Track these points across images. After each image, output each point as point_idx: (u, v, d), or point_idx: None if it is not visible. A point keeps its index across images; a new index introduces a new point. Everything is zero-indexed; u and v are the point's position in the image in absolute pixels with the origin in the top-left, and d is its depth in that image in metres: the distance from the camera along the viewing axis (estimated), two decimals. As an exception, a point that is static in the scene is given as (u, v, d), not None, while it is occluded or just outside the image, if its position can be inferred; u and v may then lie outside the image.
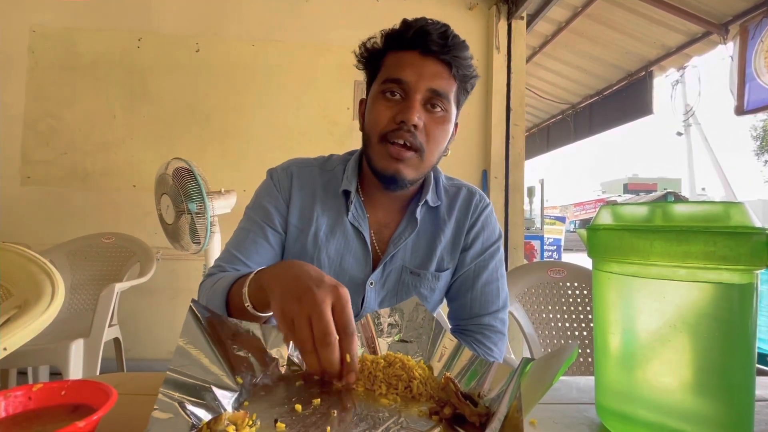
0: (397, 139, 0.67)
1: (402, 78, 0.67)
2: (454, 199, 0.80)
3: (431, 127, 0.68)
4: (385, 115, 0.68)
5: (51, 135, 2.32)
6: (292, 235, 0.76)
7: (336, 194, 0.77)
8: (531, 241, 5.63)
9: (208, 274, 0.72)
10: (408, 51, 0.68)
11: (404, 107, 0.67)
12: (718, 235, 0.34)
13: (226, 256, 0.74)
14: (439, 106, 0.68)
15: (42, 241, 2.06)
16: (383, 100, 0.68)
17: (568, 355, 0.36)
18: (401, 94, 0.68)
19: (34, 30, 2.31)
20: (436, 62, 0.67)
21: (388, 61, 0.70)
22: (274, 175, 0.79)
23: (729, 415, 0.35)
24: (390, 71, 0.68)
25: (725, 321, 0.35)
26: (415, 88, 0.66)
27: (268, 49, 2.43)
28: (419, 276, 0.76)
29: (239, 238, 0.75)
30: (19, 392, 0.35)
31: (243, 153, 2.40)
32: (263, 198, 0.78)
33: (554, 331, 1.16)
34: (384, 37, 0.72)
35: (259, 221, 0.76)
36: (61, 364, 1.40)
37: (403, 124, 0.66)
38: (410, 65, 0.67)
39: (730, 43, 2.86)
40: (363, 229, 0.75)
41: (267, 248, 0.74)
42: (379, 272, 0.75)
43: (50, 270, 0.68)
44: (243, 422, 0.37)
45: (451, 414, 0.39)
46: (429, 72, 0.67)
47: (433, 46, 0.66)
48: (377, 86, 0.70)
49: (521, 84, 2.57)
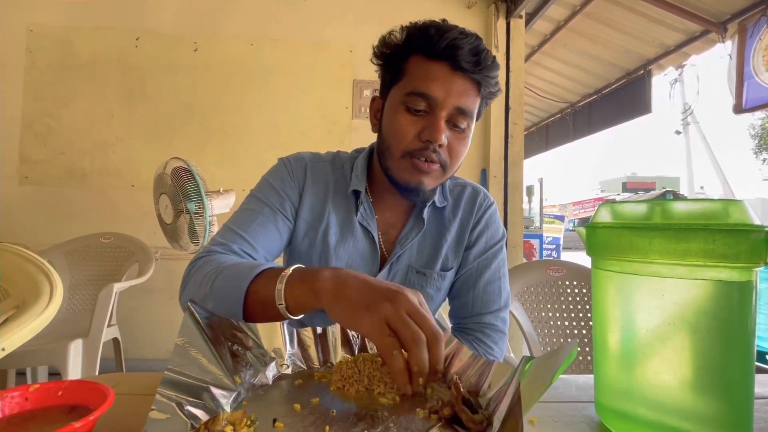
0: (422, 157, 0.66)
1: (430, 94, 0.64)
2: (459, 198, 0.80)
3: (454, 145, 0.67)
4: (410, 132, 0.65)
5: (49, 135, 2.31)
6: (301, 229, 0.74)
7: (345, 193, 0.76)
8: (530, 240, 5.64)
9: (209, 251, 0.65)
10: (436, 61, 0.64)
11: (430, 126, 0.64)
12: (718, 233, 0.34)
13: (230, 234, 0.67)
14: (463, 124, 0.67)
15: (40, 241, 2.06)
16: (407, 113, 0.66)
17: (568, 354, 0.36)
18: (426, 109, 0.65)
19: (32, 29, 2.30)
20: (465, 80, 0.65)
21: (414, 68, 0.66)
22: (287, 164, 0.76)
23: (728, 413, 0.35)
24: (416, 83, 0.65)
25: (724, 319, 0.35)
26: (441, 106, 0.64)
27: (266, 48, 2.43)
28: (425, 276, 0.76)
29: (246, 218, 0.70)
30: (15, 393, 0.34)
31: (242, 152, 2.40)
32: (276, 182, 0.74)
33: (553, 330, 1.16)
34: (408, 37, 0.67)
35: (270, 205, 0.71)
36: (59, 364, 1.40)
37: (429, 143, 0.65)
38: (439, 80, 0.64)
39: (729, 41, 2.86)
40: (372, 230, 0.74)
41: (276, 235, 0.71)
42: (386, 272, 0.75)
43: (48, 270, 0.68)
44: (241, 422, 0.36)
45: (450, 414, 0.39)
46: (457, 89, 0.64)
47: (465, 64, 0.63)
48: (400, 95, 0.66)
49: (520, 83, 2.57)
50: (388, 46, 0.69)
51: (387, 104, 0.70)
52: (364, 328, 0.44)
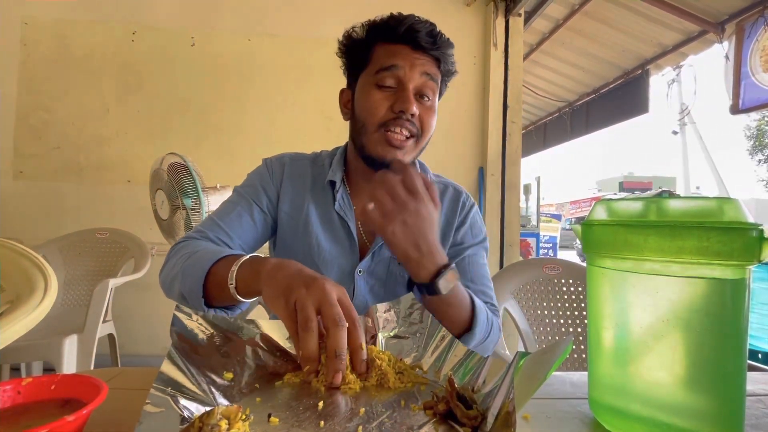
0: (397, 127, 0.70)
1: (397, 64, 0.69)
2: (442, 195, 0.82)
3: (424, 116, 0.72)
4: (383, 105, 0.70)
5: (44, 129, 2.29)
6: (284, 221, 0.78)
7: (324, 186, 0.79)
8: (527, 238, 5.64)
9: (188, 237, 0.72)
10: (398, 45, 0.71)
11: (401, 97, 0.69)
12: (712, 231, 0.34)
13: (208, 223, 0.74)
14: (428, 96, 0.72)
15: (35, 236, 2.04)
16: (378, 90, 0.71)
17: (562, 351, 0.36)
18: (394, 85, 0.70)
19: (27, 22, 2.28)
20: (426, 56, 0.71)
21: (379, 53, 0.72)
22: (267, 163, 0.82)
23: (720, 410, 0.35)
24: (383, 60, 0.71)
25: (717, 316, 0.35)
26: (409, 78, 0.70)
27: (264, 44, 2.41)
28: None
29: (225, 210, 0.76)
30: (8, 386, 0.34)
31: (238, 148, 2.39)
32: (255, 179, 0.80)
33: (549, 328, 1.16)
34: (370, 29, 0.74)
35: (247, 197, 0.77)
36: (54, 359, 1.40)
37: (402, 113, 0.69)
38: (402, 56, 0.70)
39: (726, 41, 2.87)
40: (348, 219, 0.77)
41: (250, 225, 0.76)
42: (368, 261, 0.76)
43: (43, 265, 0.67)
44: (236, 416, 0.36)
45: (445, 410, 0.39)
46: (420, 63, 0.71)
47: (424, 43, 0.70)
48: (370, 77, 0.72)
49: (518, 81, 2.57)
50: (354, 39, 0.75)
51: (357, 90, 0.75)
52: (279, 310, 0.47)
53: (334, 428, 0.37)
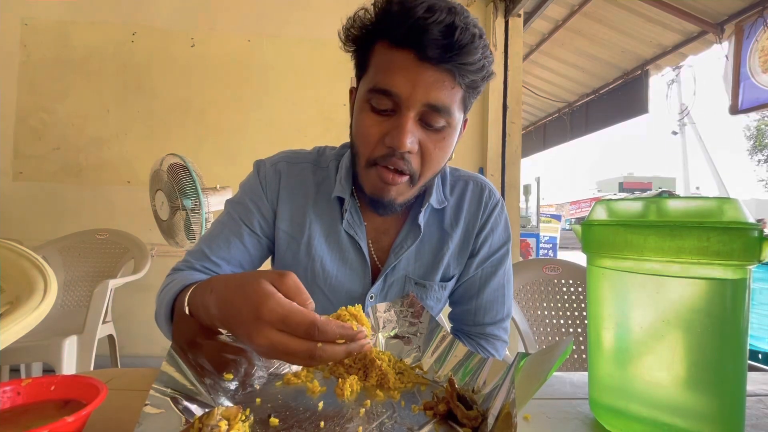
0: (387, 164, 0.57)
1: (393, 90, 0.53)
2: (462, 197, 0.72)
3: (428, 148, 0.57)
4: (374, 135, 0.57)
5: (43, 130, 2.29)
6: (283, 241, 0.69)
7: (329, 197, 0.68)
8: (527, 238, 5.64)
9: (175, 269, 0.67)
10: (400, 49, 0.53)
11: (395, 128, 0.55)
12: (712, 230, 0.34)
13: (196, 251, 0.67)
14: (439, 122, 0.56)
15: (35, 237, 2.04)
16: (371, 113, 0.57)
17: (562, 351, 0.36)
18: (392, 108, 0.55)
19: (26, 23, 2.28)
20: (436, 70, 0.53)
21: (377, 59, 0.56)
22: (261, 171, 0.70)
23: (720, 410, 0.35)
24: (378, 77, 0.55)
25: (718, 316, 0.35)
26: (408, 104, 0.54)
27: (264, 45, 2.41)
28: (424, 287, 0.69)
29: (213, 232, 0.68)
30: (7, 387, 0.34)
31: (238, 149, 2.39)
32: (246, 194, 0.70)
33: (549, 328, 1.16)
34: (375, 17, 0.57)
35: (236, 218, 0.68)
36: (54, 361, 1.39)
37: (393, 149, 0.56)
38: (402, 71, 0.53)
39: (726, 42, 2.88)
40: (360, 239, 0.67)
41: (240, 249, 0.67)
42: (380, 285, 0.68)
43: (42, 266, 0.67)
44: (236, 417, 0.36)
45: (445, 411, 0.39)
46: (425, 82, 0.53)
47: (431, 52, 0.51)
48: (364, 91, 0.57)
49: (518, 82, 2.58)
50: (355, 27, 0.59)
51: (356, 100, 0.61)
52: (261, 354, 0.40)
53: (334, 429, 0.37)
